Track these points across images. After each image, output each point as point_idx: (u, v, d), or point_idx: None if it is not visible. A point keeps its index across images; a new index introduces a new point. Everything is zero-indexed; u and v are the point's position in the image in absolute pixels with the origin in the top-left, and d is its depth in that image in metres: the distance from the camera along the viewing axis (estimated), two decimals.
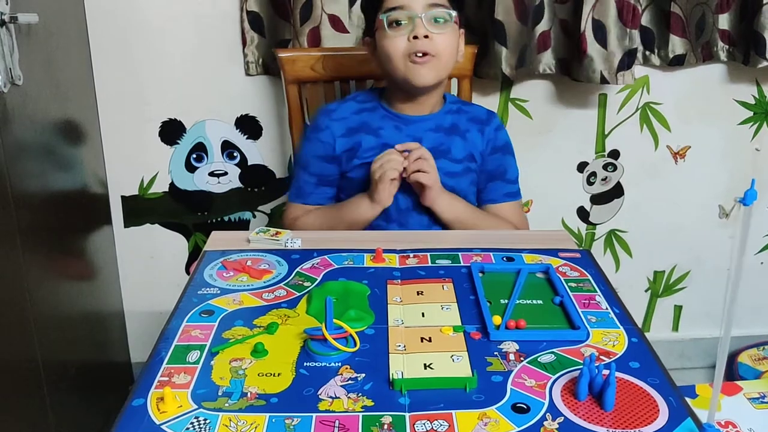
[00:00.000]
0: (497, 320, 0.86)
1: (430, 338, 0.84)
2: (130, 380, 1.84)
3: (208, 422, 0.69)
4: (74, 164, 1.57)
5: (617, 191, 1.85)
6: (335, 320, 0.83)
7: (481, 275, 1.00)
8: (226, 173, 1.76)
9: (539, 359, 0.80)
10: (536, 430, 0.68)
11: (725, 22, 1.64)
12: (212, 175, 1.76)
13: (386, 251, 1.07)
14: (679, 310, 1.99)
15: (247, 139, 1.73)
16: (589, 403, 0.72)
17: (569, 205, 1.86)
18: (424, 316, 0.90)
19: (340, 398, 0.73)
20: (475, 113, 1.37)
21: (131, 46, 1.62)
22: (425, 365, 0.78)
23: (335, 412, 0.71)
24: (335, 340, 0.80)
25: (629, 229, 1.89)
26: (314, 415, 0.70)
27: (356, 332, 0.83)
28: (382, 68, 1.29)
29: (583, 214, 1.87)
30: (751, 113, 1.79)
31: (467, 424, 0.69)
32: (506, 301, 0.93)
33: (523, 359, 0.80)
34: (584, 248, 1.13)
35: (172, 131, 1.71)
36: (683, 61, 1.67)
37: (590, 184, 1.83)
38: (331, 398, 0.73)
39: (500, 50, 1.56)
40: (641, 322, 1.99)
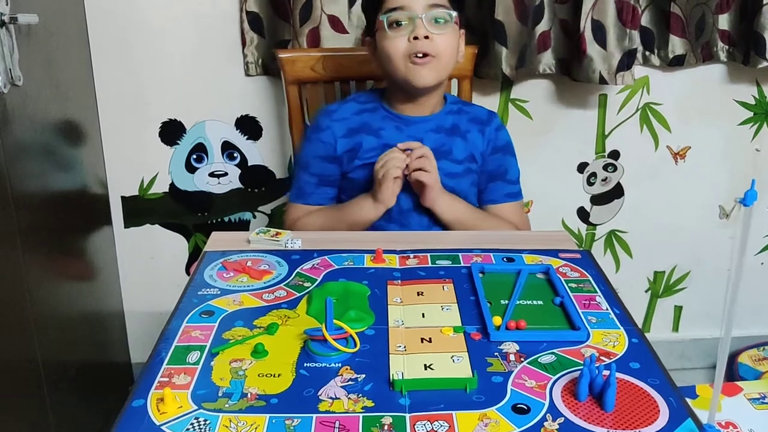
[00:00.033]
0: (497, 321, 0.86)
1: (430, 339, 0.84)
2: (130, 381, 1.84)
3: (208, 423, 0.69)
4: (74, 164, 1.57)
5: (617, 192, 1.85)
6: (335, 321, 0.83)
7: (481, 276, 1.00)
8: (226, 174, 1.76)
9: (539, 360, 0.80)
10: (536, 430, 0.68)
11: (725, 22, 1.64)
12: (212, 175, 1.76)
13: (386, 252, 1.07)
14: (679, 310, 1.99)
15: (247, 139, 1.73)
16: (589, 403, 0.72)
17: (569, 205, 1.86)
18: (424, 316, 0.89)
19: (340, 399, 0.73)
20: (475, 114, 1.37)
21: (131, 46, 1.62)
22: (425, 366, 0.78)
23: (335, 412, 0.71)
24: (335, 340, 0.80)
25: (629, 229, 1.89)
26: (314, 415, 0.70)
27: (356, 333, 0.83)
28: (382, 69, 1.29)
29: (583, 214, 1.87)
30: (751, 113, 1.79)
31: (468, 424, 0.69)
32: (506, 301, 0.93)
33: (523, 360, 0.80)
34: (584, 249, 1.13)
35: (172, 132, 1.71)
36: (683, 61, 1.67)
37: (590, 184, 1.83)
38: (331, 399, 0.73)
39: (500, 50, 1.56)
40: (641, 322, 1.99)
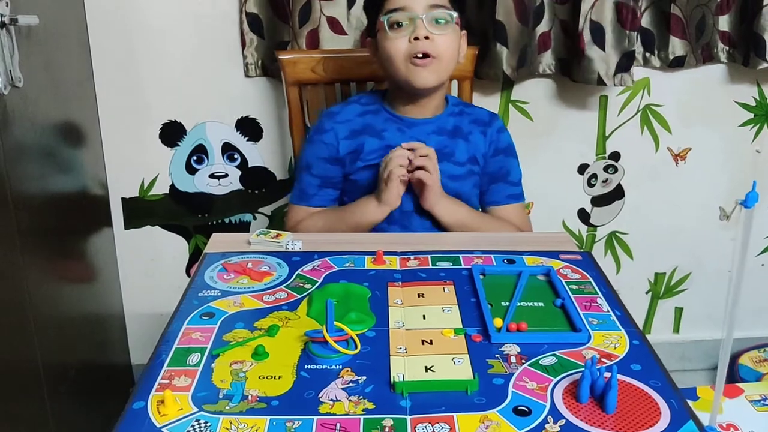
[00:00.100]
0: (498, 322, 0.86)
1: (431, 341, 0.84)
2: (130, 383, 1.84)
3: (208, 425, 0.69)
4: (74, 166, 1.57)
5: (618, 193, 1.85)
6: (336, 322, 0.82)
7: (482, 277, 1.00)
8: (226, 175, 1.76)
9: (540, 362, 0.80)
10: None
11: (725, 23, 1.64)
12: (213, 176, 1.76)
13: (387, 253, 1.07)
14: (680, 312, 1.99)
15: (247, 140, 1.73)
16: (590, 405, 0.72)
17: (570, 207, 1.85)
18: (425, 318, 0.89)
19: (341, 401, 0.72)
20: (477, 115, 1.36)
21: (131, 48, 1.62)
22: (426, 368, 0.78)
23: (336, 415, 0.70)
24: (336, 342, 0.79)
25: (630, 230, 1.89)
26: (315, 417, 0.70)
27: (357, 335, 0.83)
28: (383, 70, 1.29)
29: (583, 216, 1.86)
30: (751, 115, 1.79)
31: (469, 427, 0.68)
32: (507, 303, 0.93)
33: (524, 362, 0.79)
34: (585, 250, 1.13)
35: (172, 133, 1.71)
36: (683, 62, 1.67)
37: (591, 185, 1.83)
38: (332, 401, 0.73)
39: (501, 51, 1.56)
40: (642, 324, 1.99)
